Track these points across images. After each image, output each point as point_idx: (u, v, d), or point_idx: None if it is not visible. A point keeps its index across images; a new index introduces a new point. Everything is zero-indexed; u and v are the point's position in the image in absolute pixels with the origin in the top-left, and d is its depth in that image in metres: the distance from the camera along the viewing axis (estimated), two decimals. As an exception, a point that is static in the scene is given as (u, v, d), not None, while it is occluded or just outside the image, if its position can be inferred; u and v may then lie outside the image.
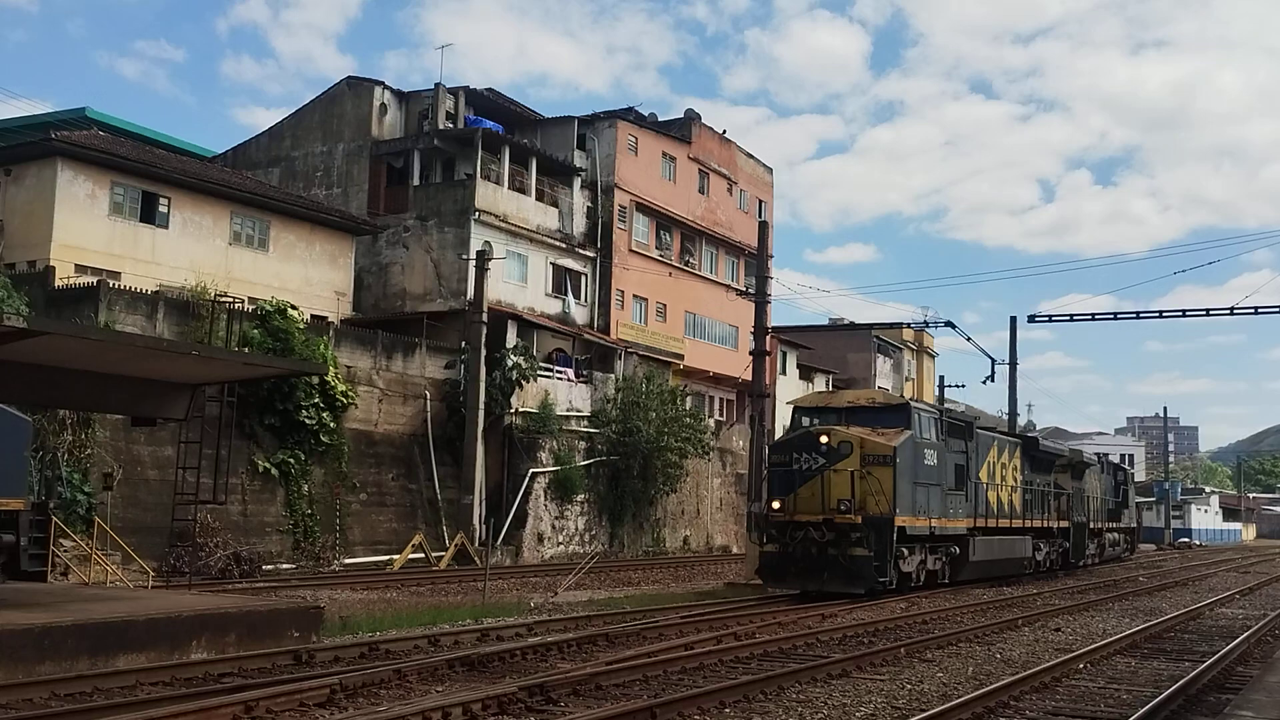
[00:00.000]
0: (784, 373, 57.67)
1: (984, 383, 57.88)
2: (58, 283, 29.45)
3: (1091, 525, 38.77)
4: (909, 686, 12.32)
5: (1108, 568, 40.46)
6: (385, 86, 45.37)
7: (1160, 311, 47.68)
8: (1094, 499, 39.71)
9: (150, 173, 33.71)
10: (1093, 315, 46.23)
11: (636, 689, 11.58)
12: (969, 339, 71.81)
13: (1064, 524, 34.75)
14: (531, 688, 10.75)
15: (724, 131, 55.04)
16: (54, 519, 21.71)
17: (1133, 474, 53.56)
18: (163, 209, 34.02)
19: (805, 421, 25.02)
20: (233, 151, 47.76)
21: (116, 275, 31.33)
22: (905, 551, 23.45)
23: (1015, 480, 30.60)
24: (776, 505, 23.12)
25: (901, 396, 22.89)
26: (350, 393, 33.51)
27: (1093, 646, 15.78)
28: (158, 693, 10.58)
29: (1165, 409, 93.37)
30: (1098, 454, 47.12)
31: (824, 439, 22.93)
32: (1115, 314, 46.13)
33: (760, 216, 52.69)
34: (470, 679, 11.84)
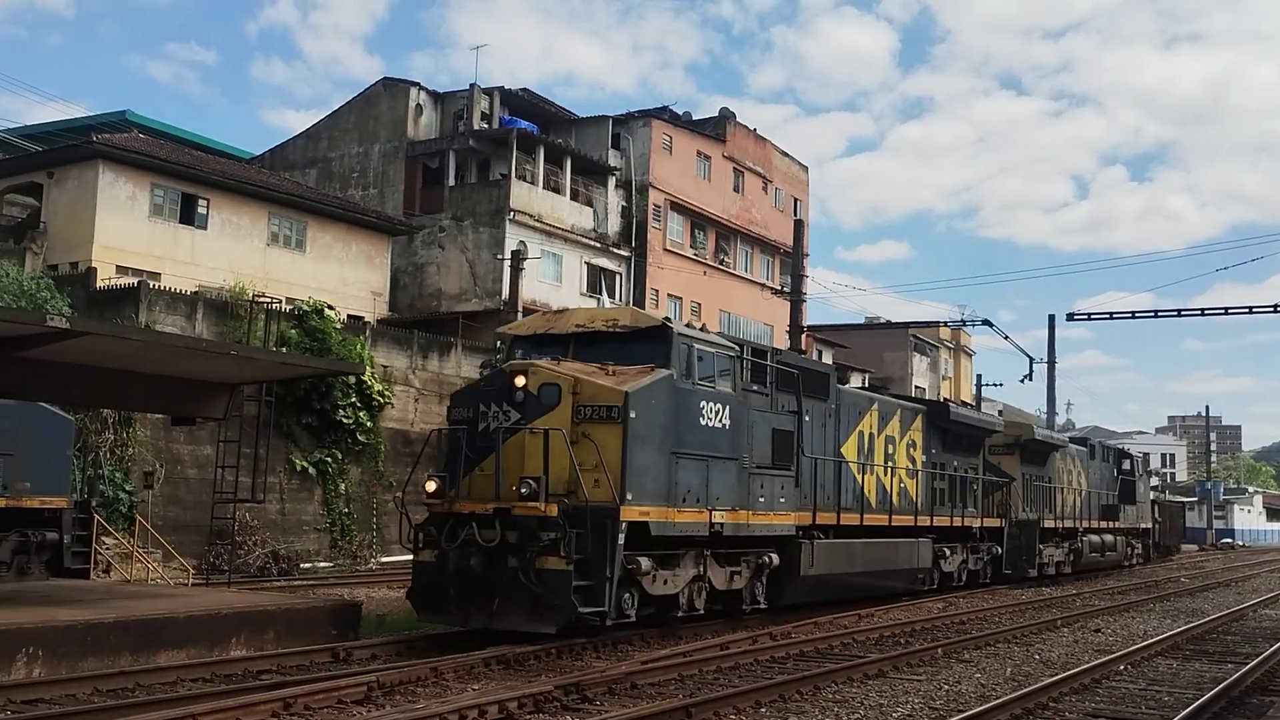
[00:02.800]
0: (819, 372, 57.41)
1: (1022, 381, 57.23)
2: (99, 284, 29.82)
3: (1055, 525, 30.20)
4: (946, 687, 12.23)
5: (1142, 570, 39.52)
6: (420, 87, 45.64)
7: (1202, 309, 46.96)
8: (1068, 491, 31.83)
9: (190, 174, 34.06)
10: (1133, 313, 46.14)
11: (672, 688, 11.57)
12: (1006, 337, 71.38)
13: (996, 523, 26.62)
14: (567, 686, 10.77)
15: (754, 130, 54.94)
16: (96, 517, 22.07)
17: (1142, 460, 42.70)
18: (202, 210, 34.36)
19: (521, 358, 15.86)
20: (270, 153, 48.20)
21: (156, 276, 31.68)
22: (649, 564, 14.29)
23: (912, 460, 22.56)
24: (432, 488, 14.52)
25: (665, 319, 15.60)
26: (386, 392, 33.71)
27: (1133, 648, 15.61)
28: (198, 689, 10.68)
29: (1207, 408, 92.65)
30: (1099, 441, 39.77)
31: (519, 380, 14.19)
32: (1156, 311, 45.59)
33: (795, 215, 52.55)
34: (506, 677, 11.87)
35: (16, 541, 19.22)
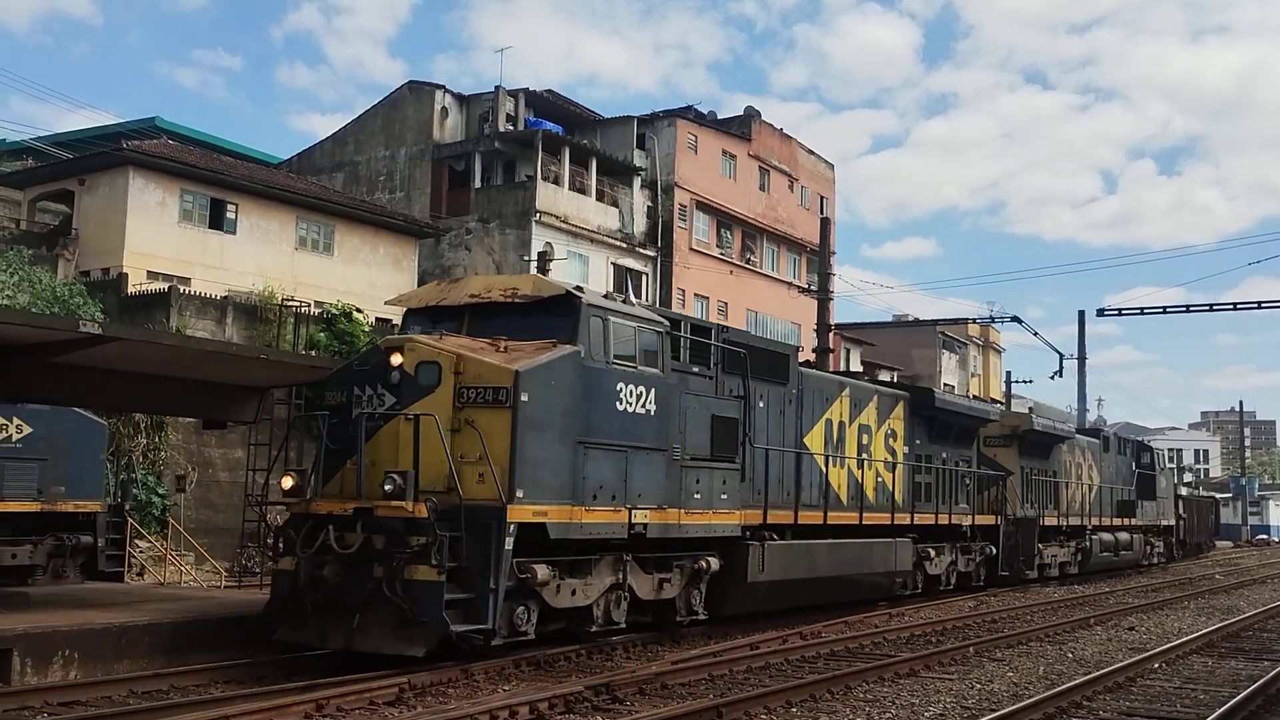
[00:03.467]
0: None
1: (1052, 378, 56.85)
2: (130, 289, 30.10)
3: (1058, 522, 28.29)
4: (979, 686, 12.17)
5: (1171, 568, 39.02)
6: (446, 90, 45.77)
7: (1235, 304, 46.46)
8: (1075, 486, 29.95)
9: (219, 180, 34.29)
10: (1164, 308, 45.44)
11: (702, 688, 11.56)
12: (1036, 333, 70.94)
13: (990, 520, 24.56)
14: (598, 687, 10.79)
15: (779, 129, 54.82)
16: (130, 521, 22.26)
17: (1159, 454, 40.26)
18: (230, 215, 34.59)
19: (417, 333, 13.81)
20: (298, 157, 48.48)
21: (186, 281, 31.93)
22: (548, 572, 12.36)
23: (892, 452, 20.63)
24: (288, 484, 12.72)
25: (574, 286, 13.88)
26: (415, 394, 33.75)
27: (1168, 646, 15.49)
28: (231, 690, 10.76)
29: (1241, 403, 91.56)
30: (1130, 437, 38.32)
31: (395, 359, 12.39)
32: (1187, 306, 45.03)
33: (821, 213, 52.38)
34: (537, 678, 11.90)
35: (52, 545, 19.41)
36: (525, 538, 12.02)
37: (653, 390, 13.89)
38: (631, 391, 13.58)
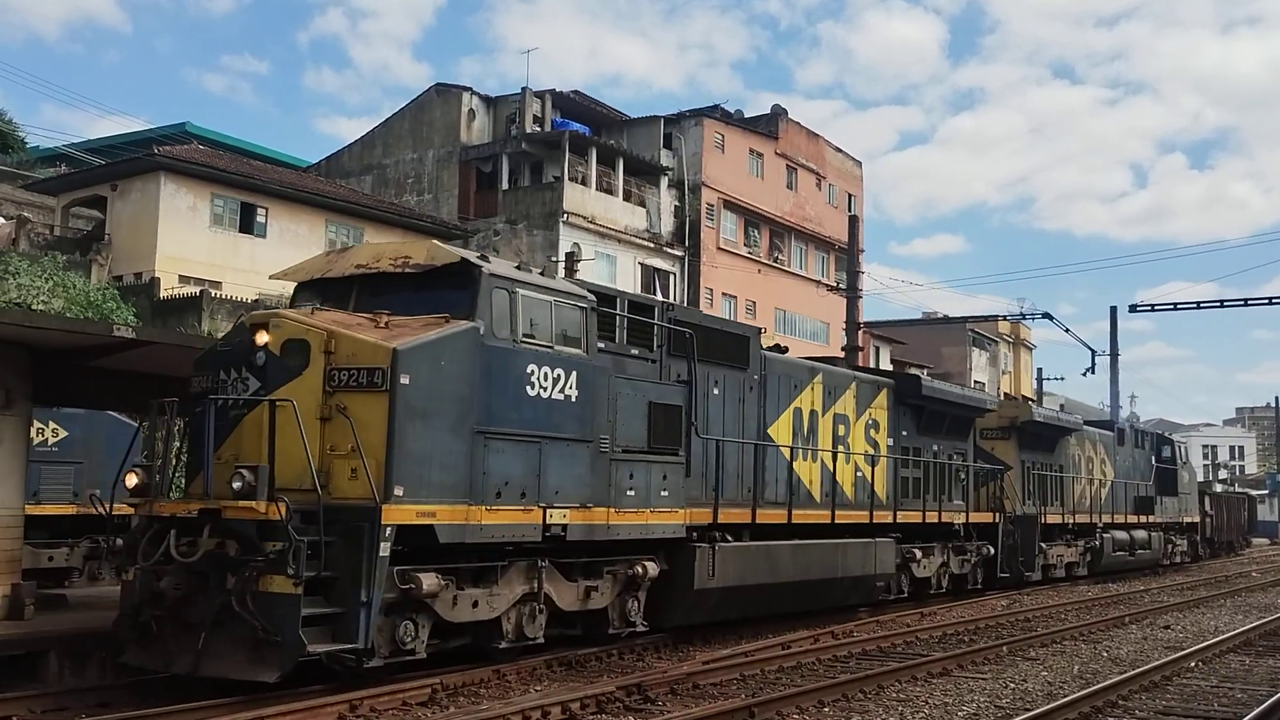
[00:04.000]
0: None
1: (1084, 375, 56.56)
2: (163, 293, 30.41)
3: (1064, 519, 26.63)
4: (1013, 685, 12.09)
5: (1197, 569, 38.58)
6: (473, 92, 45.97)
7: (1270, 298, 45.96)
8: (1084, 481, 28.20)
9: (249, 184, 34.58)
10: (1198, 304, 44.98)
11: (734, 688, 11.54)
12: (1067, 330, 70.19)
13: (986, 517, 22.82)
14: (629, 687, 10.78)
15: (806, 127, 54.71)
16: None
17: (1181, 446, 37.68)
18: (260, 219, 34.88)
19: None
20: (326, 161, 48.81)
21: (218, 285, 32.22)
22: (436, 582, 10.63)
23: (874, 445, 19.01)
24: (132, 482, 10.95)
25: (478, 255, 11.96)
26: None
27: (1204, 644, 15.32)
28: (265, 692, 10.82)
29: (1277, 398, 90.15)
30: (1141, 427, 36.08)
31: (260, 337, 10.67)
32: (1221, 301, 44.61)
33: (850, 210, 52.22)
34: (569, 678, 11.91)
35: (88, 548, 19.59)
36: (410, 542, 10.45)
37: (574, 373, 12.10)
38: (546, 375, 11.80)
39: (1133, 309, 49.95)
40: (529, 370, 11.62)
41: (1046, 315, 48.91)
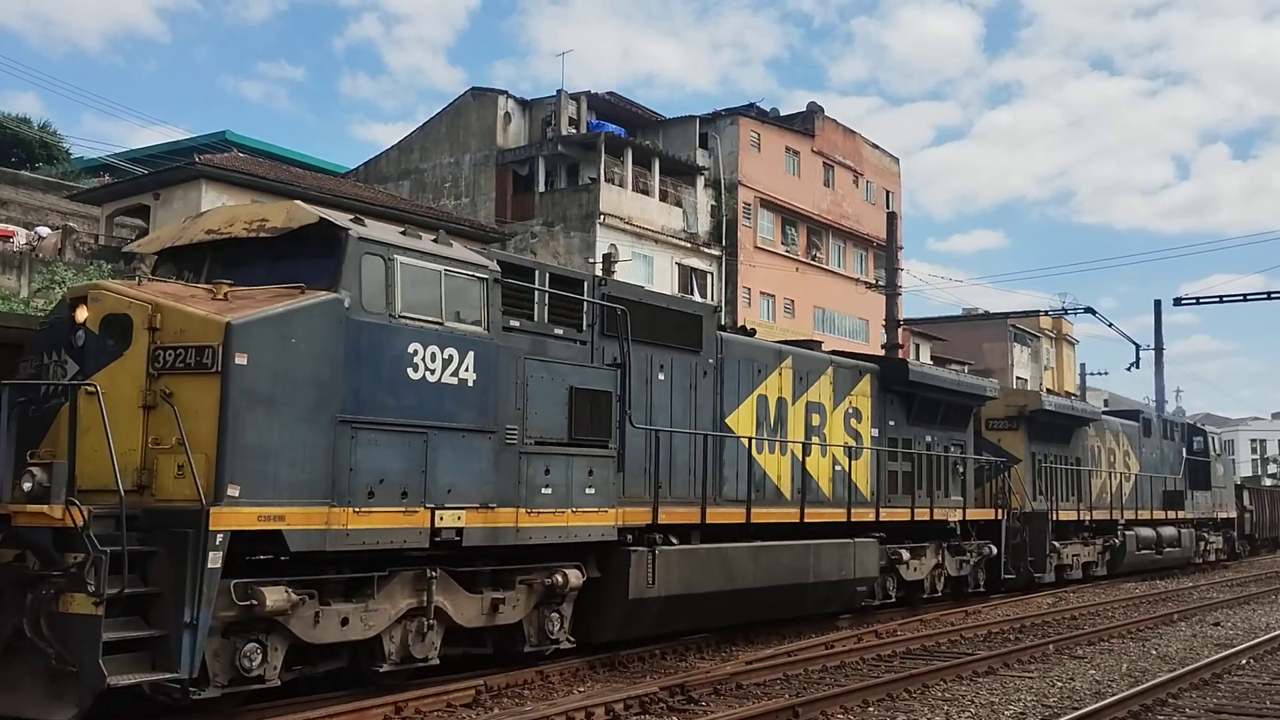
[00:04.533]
0: (917, 365, 56.64)
1: (1128, 370, 55.69)
2: (206, 300, 30.72)
3: (1078, 516, 24.82)
4: (1059, 684, 11.98)
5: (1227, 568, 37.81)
6: (509, 95, 46.14)
7: (1317, 289, 45.06)
8: (1104, 475, 26.43)
9: (288, 192, 34.83)
10: (1244, 296, 44.30)
11: (777, 688, 11.52)
12: (1110, 324, 69.68)
13: (988, 514, 21.05)
14: (672, 687, 10.79)
15: (842, 124, 54.47)
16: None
17: (1214, 437, 35.03)
18: (301, 226, 35.17)
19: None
20: (364, 166, 49.17)
21: (260, 291, 32.51)
22: (283, 598, 9.07)
23: (855, 435, 17.36)
24: None
25: (352, 217, 10.18)
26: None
27: (1256, 641, 15.14)
28: (313, 695, 10.92)
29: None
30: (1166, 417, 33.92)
31: (81, 313, 9.23)
32: (1269, 293, 43.73)
33: (888, 207, 51.95)
34: (611, 679, 11.93)
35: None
36: (254, 551, 9.10)
37: (470, 354, 10.50)
38: (434, 355, 10.20)
39: (1177, 302, 49.46)
40: (411, 350, 10.02)
41: (1089, 310, 48.31)
